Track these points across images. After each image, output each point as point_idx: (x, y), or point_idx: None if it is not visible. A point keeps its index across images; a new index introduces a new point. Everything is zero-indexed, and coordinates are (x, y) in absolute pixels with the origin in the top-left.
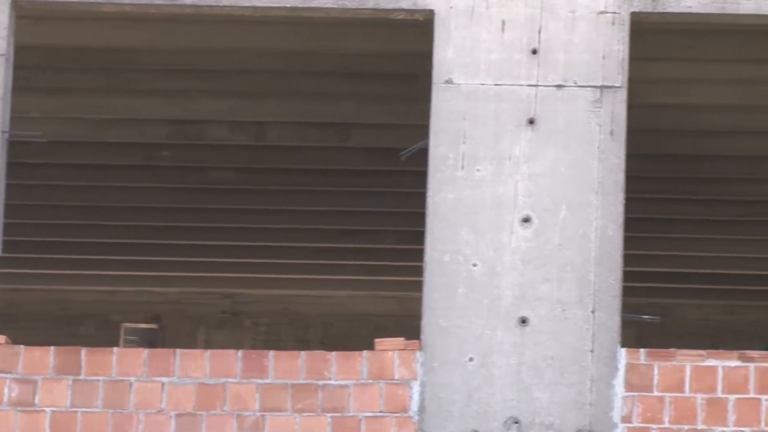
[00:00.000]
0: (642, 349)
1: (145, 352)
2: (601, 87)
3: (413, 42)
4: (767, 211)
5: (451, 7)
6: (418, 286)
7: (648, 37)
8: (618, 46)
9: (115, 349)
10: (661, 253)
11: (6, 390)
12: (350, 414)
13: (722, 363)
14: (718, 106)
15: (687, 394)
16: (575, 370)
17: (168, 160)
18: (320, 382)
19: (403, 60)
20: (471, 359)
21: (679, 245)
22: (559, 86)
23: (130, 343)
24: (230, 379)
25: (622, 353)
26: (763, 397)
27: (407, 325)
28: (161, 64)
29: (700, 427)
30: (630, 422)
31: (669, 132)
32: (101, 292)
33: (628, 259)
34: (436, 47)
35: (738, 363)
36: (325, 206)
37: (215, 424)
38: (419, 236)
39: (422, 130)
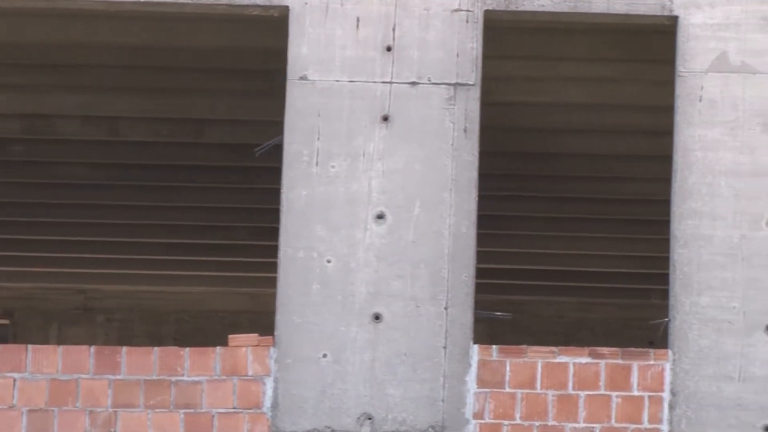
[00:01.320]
0: (494, 346)
1: None
2: (455, 84)
3: (268, 38)
4: (619, 208)
5: (306, 3)
6: (273, 282)
7: (501, 35)
8: (472, 43)
9: None
10: (514, 250)
11: None
12: (203, 410)
13: (573, 359)
14: (570, 104)
15: (538, 390)
16: (428, 367)
17: (20, 154)
18: (173, 378)
19: (258, 56)
20: (325, 356)
21: (532, 242)
22: (413, 83)
23: None
24: (83, 375)
25: (475, 350)
26: (614, 393)
27: (261, 321)
28: (12, 58)
29: (551, 423)
30: (482, 419)
31: (522, 130)
32: None
33: (481, 256)
34: (290, 43)
35: (589, 359)
36: (180, 202)
37: (67, 420)
38: (274, 232)
39: (277, 126)
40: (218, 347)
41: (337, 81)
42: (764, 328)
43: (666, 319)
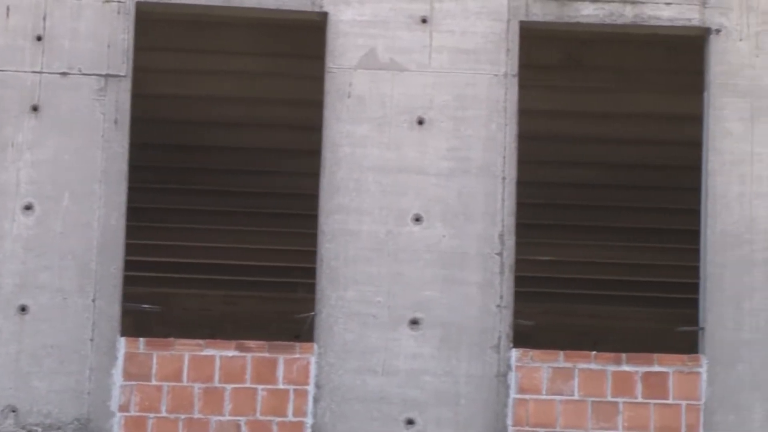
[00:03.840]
0: (141, 339)
1: None
2: (106, 76)
3: None
4: (268, 202)
5: None
6: None
7: (154, 26)
8: (123, 35)
9: None
10: (163, 243)
11: None
12: None
13: (220, 353)
14: (223, 97)
15: (185, 383)
16: (75, 359)
17: None
18: None
19: None
20: None
21: (181, 235)
22: (64, 74)
23: None
24: None
25: (122, 342)
26: (260, 386)
27: None
28: None
29: (197, 416)
30: (128, 411)
31: (175, 122)
32: None
33: (130, 249)
34: None
35: (235, 353)
36: None
37: None
38: None
39: None
40: None
41: None
42: (408, 322)
43: (312, 313)
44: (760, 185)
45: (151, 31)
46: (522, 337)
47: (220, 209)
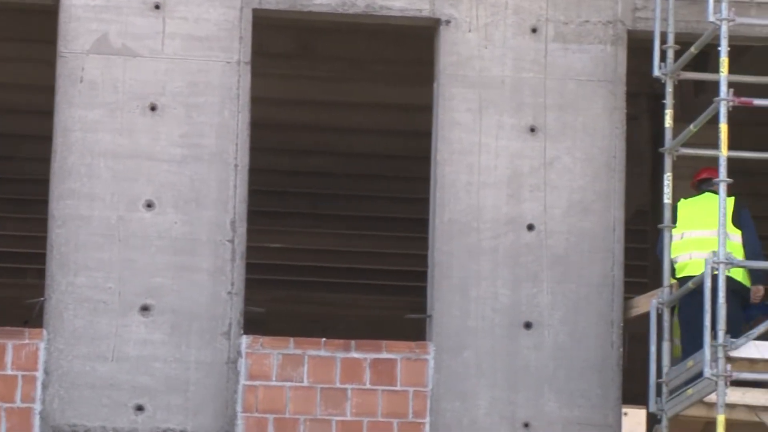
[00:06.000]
0: None
1: None
2: None
3: None
4: (6, 188)
5: None
6: None
7: None
8: None
9: None
10: None
11: None
12: None
13: None
14: None
15: None
16: None
17: None
18: None
19: None
20: None
21: None
22: None
23: None
24: None
25: None
26: None
27: None
28: None
29: None
30: None
31: None
32: None
33: None
34: None
35: None
36: None
37: None
38: None
39: None
40: None
41: None
42: (138, 308)
43: (42, 299)
44: (488, 175)
45: None
46: (253, 324)
47: None
